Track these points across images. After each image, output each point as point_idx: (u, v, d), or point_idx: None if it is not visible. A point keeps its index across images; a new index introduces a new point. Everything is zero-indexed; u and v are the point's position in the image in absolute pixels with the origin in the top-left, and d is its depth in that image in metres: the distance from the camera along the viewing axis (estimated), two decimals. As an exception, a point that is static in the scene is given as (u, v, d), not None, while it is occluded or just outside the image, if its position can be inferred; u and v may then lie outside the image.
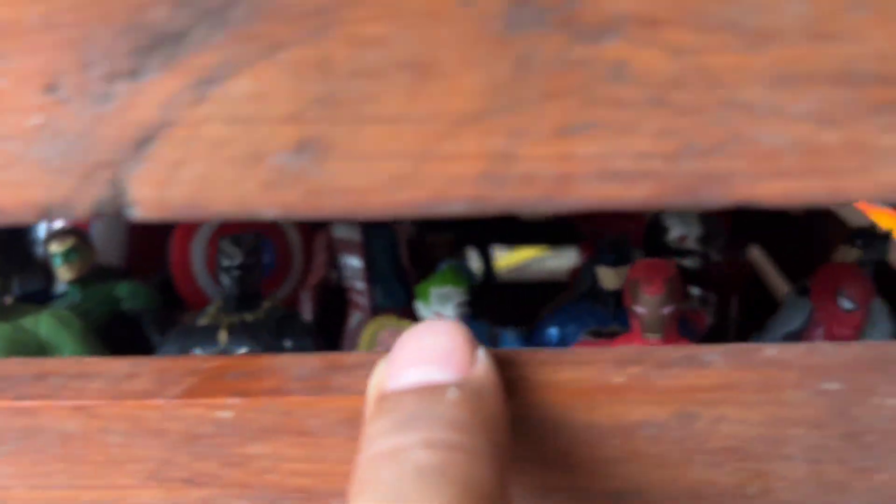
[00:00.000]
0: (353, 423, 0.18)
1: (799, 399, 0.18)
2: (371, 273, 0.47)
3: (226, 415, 0.18)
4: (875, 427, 0.18)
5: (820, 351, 0.19)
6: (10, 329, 0.36)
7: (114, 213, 0.15)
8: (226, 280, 0.37)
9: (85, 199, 0.15)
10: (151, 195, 0.15)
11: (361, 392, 0.18)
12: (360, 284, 0.47)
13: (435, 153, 0.15)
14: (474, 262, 0.60)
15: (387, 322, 0.43)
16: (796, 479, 0.19)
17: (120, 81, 0.14)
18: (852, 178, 0.15)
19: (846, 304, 0.35)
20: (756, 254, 0.62)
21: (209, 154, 0.15)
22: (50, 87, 0.15)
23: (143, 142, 0.15)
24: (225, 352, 0.36)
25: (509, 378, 0.18)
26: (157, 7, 0.14)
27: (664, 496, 0.19)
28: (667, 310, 0.31)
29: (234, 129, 0.15)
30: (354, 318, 0.47)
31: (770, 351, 0.19)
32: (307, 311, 0.47)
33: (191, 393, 0.18)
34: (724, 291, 0.49)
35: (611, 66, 0.14)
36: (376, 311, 0.46)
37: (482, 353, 0.17)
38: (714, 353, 0.19)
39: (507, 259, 0.76)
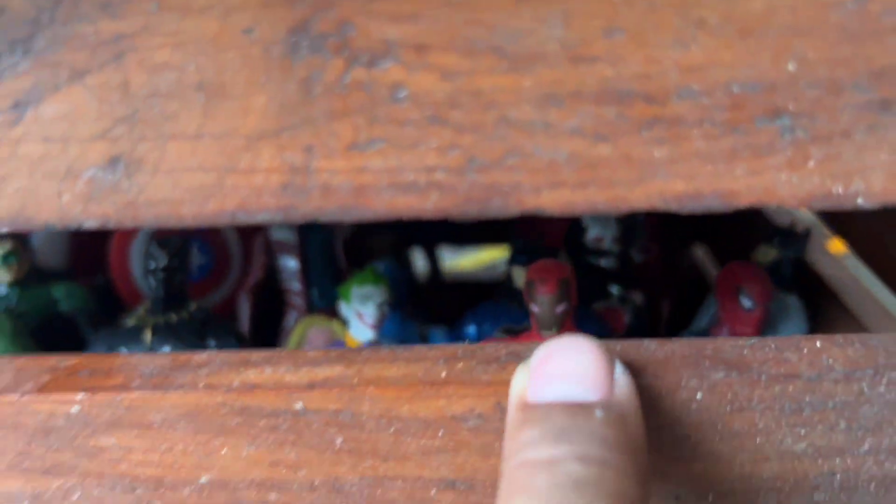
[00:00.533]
0: (193, 418, 0.19)
1: (611, 393, 0.19)
2: (306, 274, 0.48)
3: (75, 409, 0.19)
4: (684, 420, 0.20)
5: (642, 348, 0.20)
6: (-58, 330, 0.37)
7: (-50, 224, 0.17)
8: (151, 282, 0.39)
9: (-79, 212, 0.17)
10: (-19, 208, 0.17)
11: (202, 388, 0.19)
12: (296, 285, 0.48)
13: (236, 167, 0.16)
14: (420, 262, 0.61)
15: (316, 321, 0.44)
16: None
17: (-58, 104, 0.16)
18: (628, 188, 0.17)
19: (746, 302, 0.37)
20: (700, 253, 0.63)
21: (29, 170, 0.16)
22: None
23: (-31, 159, 0.16)
24: (150, 352, 0.38)
25: (346, 374, 0.20)
26: (-30, 36, 0.15)
27: (493, 485, 0.20)
28: (560, 308, 0.32)
29: (49, 148, 0.16)
30: (291, 318, 0.48)
31: (593, 348, 0.20)
32: (245, 313, 0.48)
33: (43, 389, 0.19)
34: (655, 290, 0.50)
35: (389, 87, 0.16)
36: (312, 311, 0.47)
37: (621, 374, 0.18)
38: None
39: (474, 259, 0.77)
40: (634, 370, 0.19)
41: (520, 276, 0.39)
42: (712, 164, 0.16)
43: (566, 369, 0.18)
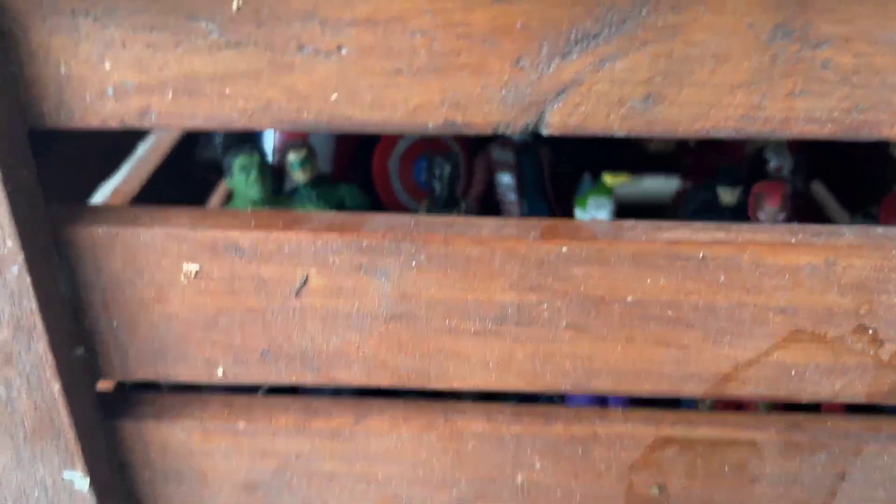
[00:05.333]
0: (635, 258, 0.31)
1: None
2: (521, 189, 0.60)
3: (564, 250, 0.31)
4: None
5: None
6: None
7: (534, 132, 0.29)
8: (436, 185, 0.51)
9: (520, 122, 0.29)
10: (558, 122, 0.28)
11: (644, 241, 0.31)
12: (511, 197, 0.60)
13: (720, 103, 0.28)
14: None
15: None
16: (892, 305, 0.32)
17: (555, 59, 0.27)
18: (944, 127, 0.28)
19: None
20: (817, 188, 0.74)
21: (596, 100, 0.28)
22: (516, 61, 0.28)
23: (560, 92, 0.28)
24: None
25: (731, 237, 0.31)
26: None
27: (812, 312, 0.32)
28: (781, 217, 0.44)
29: (611, 87, 0.28)
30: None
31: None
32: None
33: (542, 237, 0.31)
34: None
35: (821, 61, 0.27)
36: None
37: None
38: (845, 229, 0.32)
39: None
40: None
41: (725, 195, 0.50)
42: None
43: None
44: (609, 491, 0.38)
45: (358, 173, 0.61)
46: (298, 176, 0.53)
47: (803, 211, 0.64)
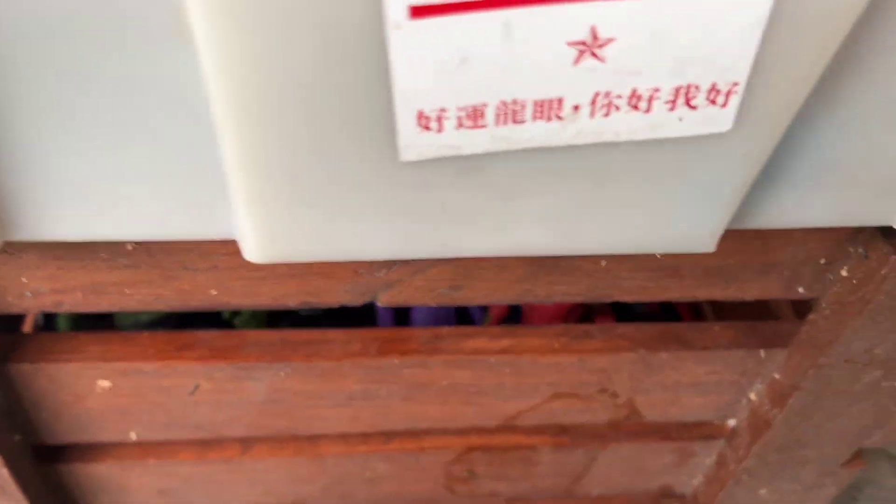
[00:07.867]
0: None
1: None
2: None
3: (396, 361, 0.42)
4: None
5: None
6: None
7: (371, 303, 0.38)
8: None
9: (360, 301, 0.38)
10: (388, 300, 0.38)
11: (449, 351, 0.43)
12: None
13: (504, 289, 0.38)
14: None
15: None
16: (622, 378, 0.46)
17: (382, 271, 0.37)
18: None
19: None
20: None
21: (415, 291, 0.38)
22: (356, 272, 0.37)
23: (388, 286, 0.38)
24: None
25: (511, 341, 0.43)
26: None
27: (570, 384, 0.45)
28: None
29: (426, 283, 0.38)
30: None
31: (620, 327, 0.45)
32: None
33: (379, 352, 0.42)
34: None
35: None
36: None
37: None
38: (595, 330, 0.44)
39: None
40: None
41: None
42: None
43: None
44: (433, 475, 0.52)
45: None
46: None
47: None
